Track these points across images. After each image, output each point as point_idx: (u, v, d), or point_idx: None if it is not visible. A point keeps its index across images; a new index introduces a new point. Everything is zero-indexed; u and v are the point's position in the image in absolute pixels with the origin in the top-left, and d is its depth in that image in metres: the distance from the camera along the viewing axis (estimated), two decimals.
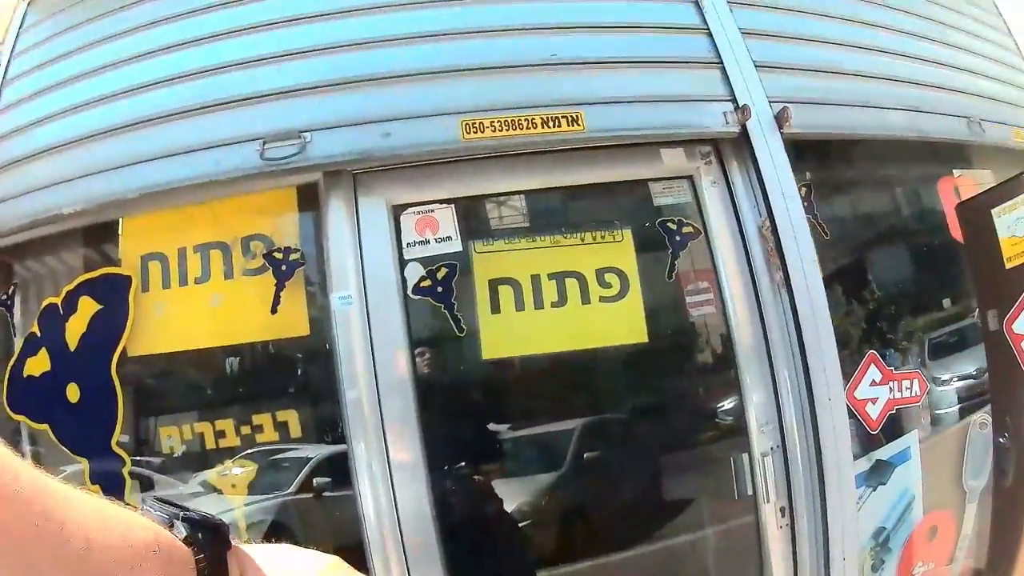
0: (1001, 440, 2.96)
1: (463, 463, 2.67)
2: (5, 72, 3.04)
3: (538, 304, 2.53)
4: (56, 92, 2.84)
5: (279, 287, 2.56)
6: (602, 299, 2.55)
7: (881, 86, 2.96)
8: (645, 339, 2.57)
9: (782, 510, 2.63)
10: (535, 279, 2.54)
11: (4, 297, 2.95)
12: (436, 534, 2.45)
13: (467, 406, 2.73)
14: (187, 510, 0.70)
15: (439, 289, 2.53)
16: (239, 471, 2.64)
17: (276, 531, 2.73)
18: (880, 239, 3.32)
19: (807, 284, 2.59)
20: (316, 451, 2.72)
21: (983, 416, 3.06)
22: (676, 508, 2.89)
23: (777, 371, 2.61)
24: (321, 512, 2.79)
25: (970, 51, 3.42)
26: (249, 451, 2.65)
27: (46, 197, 2.74)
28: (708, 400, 2.84)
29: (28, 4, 3.05)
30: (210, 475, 2.67)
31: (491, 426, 2.71)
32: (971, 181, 3.27)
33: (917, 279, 3.36)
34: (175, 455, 2.71)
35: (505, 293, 2.53)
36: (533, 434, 2.79)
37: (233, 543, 0.71)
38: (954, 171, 3.30)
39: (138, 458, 2.69)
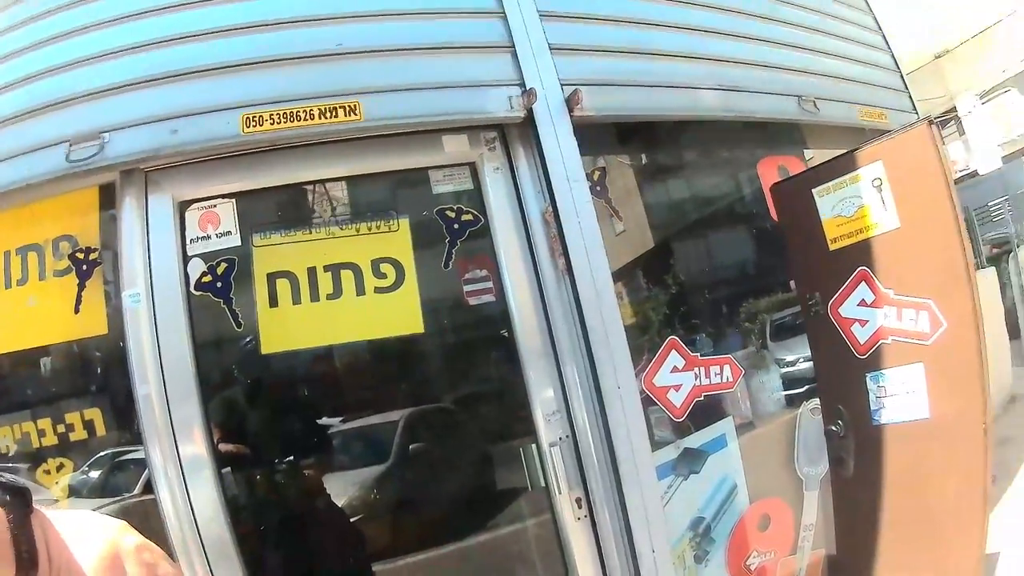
0: (833, 428, 2.73)
1: (250, 458, 2.64)
2: None
3: (314, 297, 2.51)
4: None
5: (80, 287, 2.58)
6: (377, 290, 2.51)
7: (692, 65, 2.77)
8: (421, 329, 2.51)
9: (578, 501, 2.53)
10: (311, 271, 2.52)
11: None
12: (231, 532, 2.42)
13: (250, 402, 2.69)
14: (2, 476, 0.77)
15: (219, 284, 2.53)
16: (60, 471, 2.67)
17: None
18: (693, 224, 3.11)
19: (591, 270, 2.50)
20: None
21: (815, 402, 2.82)
22: (476, 503, 2.79)
23: (562, 359, 2.50)
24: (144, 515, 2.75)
25: (809, 28, 3.15)
26: (101, 453, 2.70)
27: None
28: (492, 390, 2.72)
29: None
30: (38, 474, 2.69)
31: (276, 420, 2.66)
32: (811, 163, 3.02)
33: (737, 262, 3.13)
34: (9, 454, 2.75)
35: (282, 286, 2.51)
36: (320, 425, 2.72)
37: (34, 506, 0.79)
38: (806, 152, 3.05)
39: None
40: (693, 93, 2.75)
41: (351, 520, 2.86)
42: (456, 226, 2.57)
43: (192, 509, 2.39)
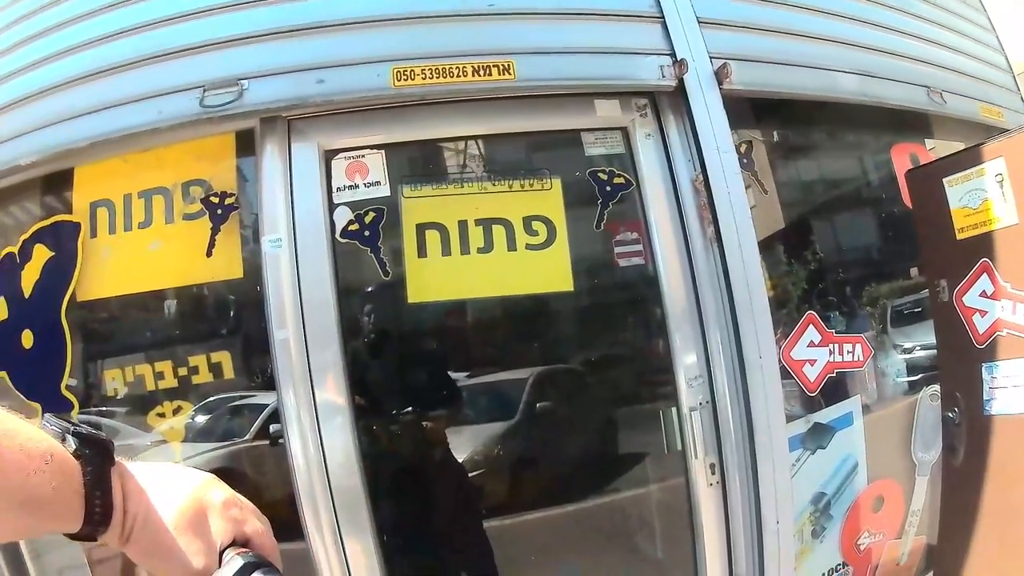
0: (950, 415, 2.80)
1: (389, 408, 2.61)
2: None
3: (464, 250, 2.51)
4: (8, 55, 2.89)
5: (214, 231, 2.57)
6: (528, 246, 2.52)
7: (832, 48, 2.85)
8: (571, 287, 2.51)
9: (712, 467, 2.56)
10: (462, 225, 2.52)
11: None
12: (363, 483, 2.43)
13: (394, 351, 2.67)
14: (78, 426, 0.74)
15: (366, 233, 2.53)
16: (176, 414, 2.65)
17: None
18: (831, 202, 3.19)
19: (739, 240, 2.53)
20: (269, 399, 2.67)
21: (935, 388, 2.89)
22: (604, 464, 2.81)
23: (707, 326, 2.53)
24: (267, 461, 2.78)
25: (935, 23, 3.27)
26: (212, 397, 2.71)
27: (4, 151, 2.79)
28: (636, 351, 2.74)
29: None
30: (150, 417, 2.68)
31: (417, 370, 2.65)
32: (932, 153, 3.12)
33: (868, 244, 3.21)
34: (118, 397, 2.74)
35: (432, 238, 2.52)
36: (458, 379, 2.72)
37: (117, 460, 0.76)
38: (926, 141, 3.15)
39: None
40: (833, 75, 2.81)
41: (492, 474, 2.87)
42: (608, 188, 2.59)
43: (324, 456, 2.41)
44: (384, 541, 2.46)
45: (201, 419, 2.72)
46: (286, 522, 2.47)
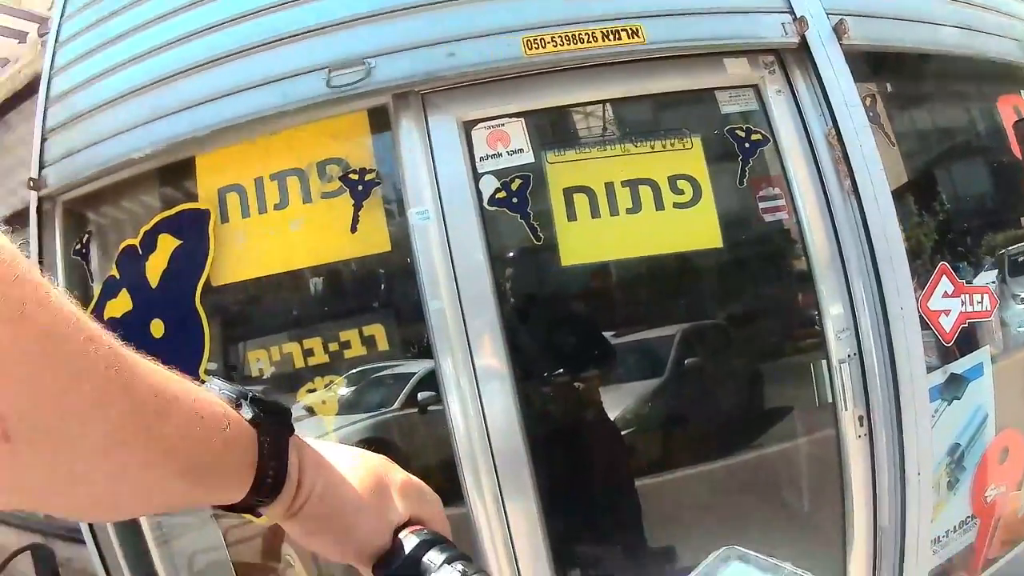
0: None
1: (548, 371, 2.66)
2: (58, 32, 3.12)
3: (613, 211, 2.53)
4: (115, 45, 2.90)
5: (357, 207, 2.58)
6: (675, 205, 2.54)
7: (938, 4, 2.92)
8: (720, 244, 2.53)
9: (860, 419, 2.58)
10: (609, 187, 2.54)
11: (79, 247, 3.01)
12: (524, 445, 2.47)
13: (548, 313, 2.68)
14: (253, 392, 0.69)
15: (514, 200, 2.54)
16: (328, 388, 2.66)
17: (370, 447, 2.71)
18: (947, 153, 3.26)
19: (875, 192, 2.56)
20: (415, 367, 2.79)
21: None
22: (755, 416, 2.83)
23: (851, 278, 2.56)
24: (418, 428, 2.85)
25: None
26: (355, 369, 2.73)
27: (115, 145, 2.80)
28: (784, 305, 2.77)
29: None
30: (300, 393, 2.70)
31: (572, 331, 2.66)
32: None
33: (983, 194, 3.29)
34: (264, 377, 2.75)
35: (580, 201, 2.53)
36: (615, 340, 2.73)
37: (295, 431, 0.72)
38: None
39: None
40: (936, 29, 2.90)
41: (644, 432, 2.89)
42: (747, 145, 2.62)
43: (484, 420, 2.45)
44: (545, 502, 2.49)
45: (353, 391, 2.73)
46: (442, 488, 2.46)
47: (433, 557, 0.73)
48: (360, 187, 2.56)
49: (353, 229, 2.55)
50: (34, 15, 3.96)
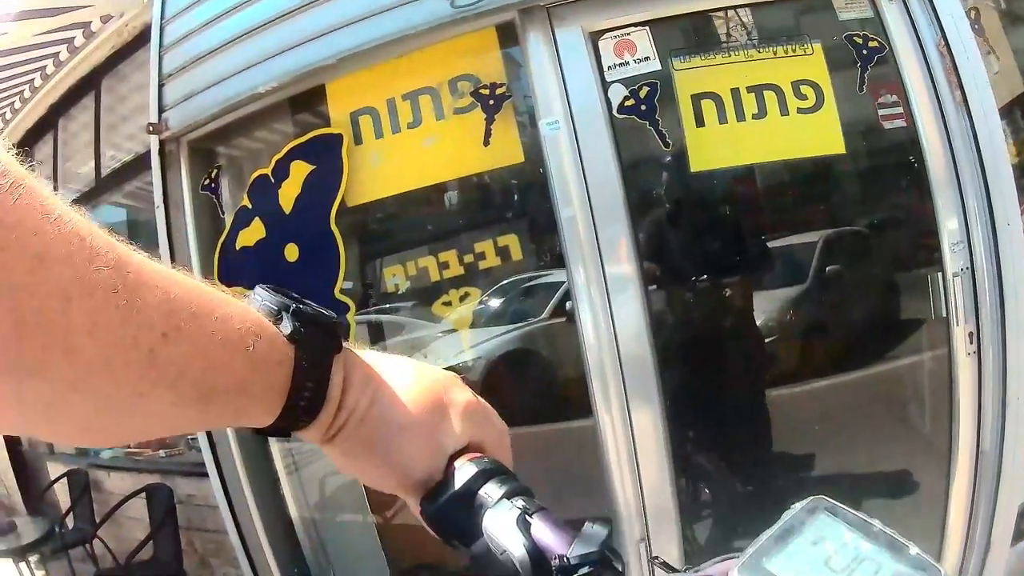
0: None
1: (677, 278, 2.68)
2: None
3: (740, 117, 2.56)
4: None
5: (489, 120, 2.65)
6: (799, 110, 2.57)
7: None
8: (843, 149, 2.60)
9: (970, 336, 2.58)
10: (735, 92, 2.57)
11: (207, 182, 3.10)
12: (652, 354, 2.52)
13: (678, 221, 2.75)
14: (301, 302, 0.63)
15: (642, 107, 2.58)
16: (463, 300, 2.75)
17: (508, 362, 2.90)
18: None
19: (982, 104, 2.59)
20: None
21: None
22: (872, 331, 2.87)
23: (965, 191, 2.59)
24: (555, 339, 2.94)
25: None
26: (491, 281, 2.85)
27: (240, 81, 2.91)
28: (905, 215, 2.83)
29: None
30: (435, 307, 2.79)
31: (704, 240, 2.72)
32: None
33: None
34: (400, 292, 2.84)
35: (707, 107, 2.57)
36: (739, 246, 2.81)
37: (344, 345, 0.65)
38: None
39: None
40: None
41: (765, 342, 2.93)
42: (864, 52, 2.66)
43: (614, 328, 2.49)
44: (669, 412, 2.54)
45: (491, 303, 2.79)
46: (575, 398, 2.64)
47: (490, 490, 0.65)
48: (491, 101, 2.64)
49: (486, 142, 2.63)
50: None
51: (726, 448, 2.94)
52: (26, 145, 5.93)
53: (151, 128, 3.07)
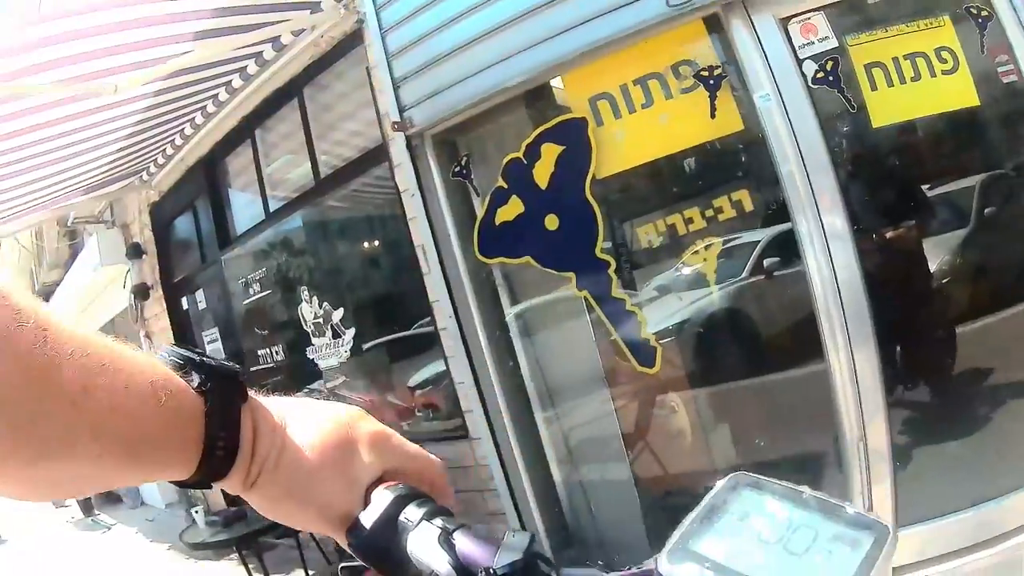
0: None
1: (877, 224, 3.39)
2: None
3: (901, 80, 3.14)
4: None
5: (712, 97, 3.31)
6: (943, 72, 3.15)
7: None
8: (977, 102, 3.21)
9: None
10: (895, 60, 3.15)
11: (458, 168, 3.66)
12: (866, 296, 3.09)
13: (871, 170, 3.39)
14: (204, 356, 0.67)
15: (831, 78, 3.17)
16: (708, 249, 3.43)
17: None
18: None
19: None
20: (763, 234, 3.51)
21: None
22: None
23: None
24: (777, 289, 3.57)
25: None
26: (737, 233, 3.47)
27: (485, 78, 3.54)
28: None
29: None
30: (685, 257, 3.46)
31: (893, 186, 3.44)
32: None
33: None
34: (653, 247, 3.47)
35: (878, 74, 3.15)
36: (920, 193, 3.49)
37: (250, 394, 0.69)
38: None
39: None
40: None
41: (944, 283, 3.53)
42: (979, 20, 3.35)
43: (835, 275, 3.08)
44: (883, 350, 3.10)
45: (730, 254, 3.48)
46: (808, 343, 3.25)
47: (410, 514, 0.68)
48: (711, 81, 3.28)
49: (712, 115, 3.29)
50: None
51: (930, 381, 3.52)
52: (215, 155, 6.46)
53: (396, 126, 3.65)
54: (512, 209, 3.58)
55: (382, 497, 0.68)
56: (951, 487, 3.20)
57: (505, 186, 3.59)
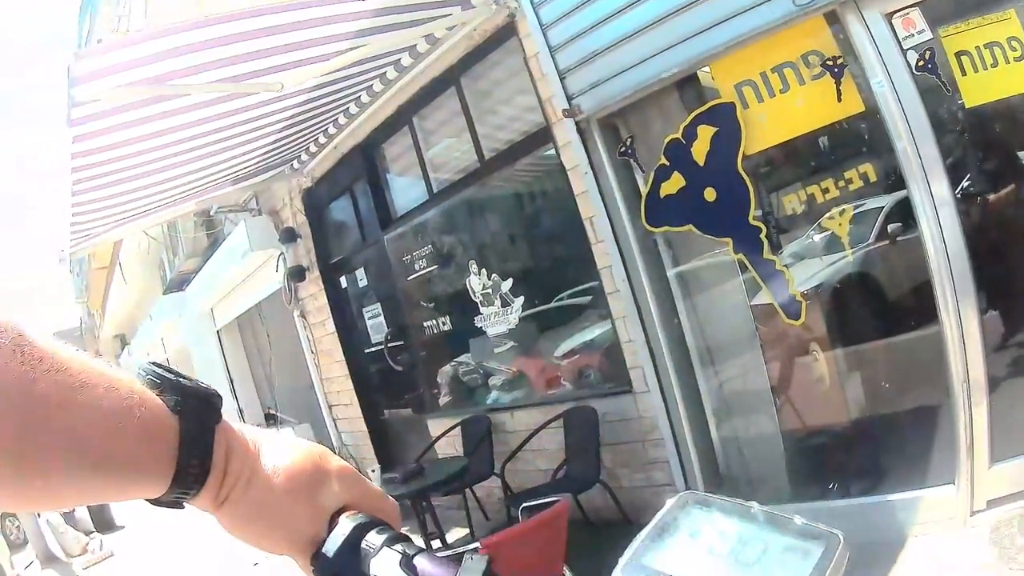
0: None
1: (983, 194, 3.98)
2: None
3: (983, 67, 3.65)
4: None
5: (837, 83, 3.92)
6: (1015, 59, 3.62)
7: None
8: None
9: None
10: (977, 49, 3.66)
11: (623, 149, 4.57)
12: (968, 260, 3.62)
13: (969, 145, 4.08)
14: (181, 377, 0.69)
15: (929, 65, 3.71)
16: (842, 215, 4.21)
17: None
18: None
19: None
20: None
21: None
22: None
23: None
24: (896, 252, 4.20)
25: None
26: (865, 200, 4.12)
27: (645, 69, 4.35)
28: None
29: None
30: (823, 221, 4.25)
31: (991, 158, 4.09)
32: None
33: None
34: (797, 213, 4.34)
35: (965, 61, 3.67)
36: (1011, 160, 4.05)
37: (223, 418, 0.71)
38: None
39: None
40: None
41: None
42: None
43: (944, 242, 3.61)
44: (985, 312, 3.63)
45: (860, 220, 4.16)
46: (922, 297, 3.85)
47: (372, 540, 0.72)
48: (835, 69, 3.88)
49: (838, 99, 3.89)
50: None
51: None
52: (372, 142, 7.13)
53: (566, 112, 4.54)
54: (674, 183, 4.42)
55: (346, 524, 0.72)
56: None
57: (667, 163, 4.44)
